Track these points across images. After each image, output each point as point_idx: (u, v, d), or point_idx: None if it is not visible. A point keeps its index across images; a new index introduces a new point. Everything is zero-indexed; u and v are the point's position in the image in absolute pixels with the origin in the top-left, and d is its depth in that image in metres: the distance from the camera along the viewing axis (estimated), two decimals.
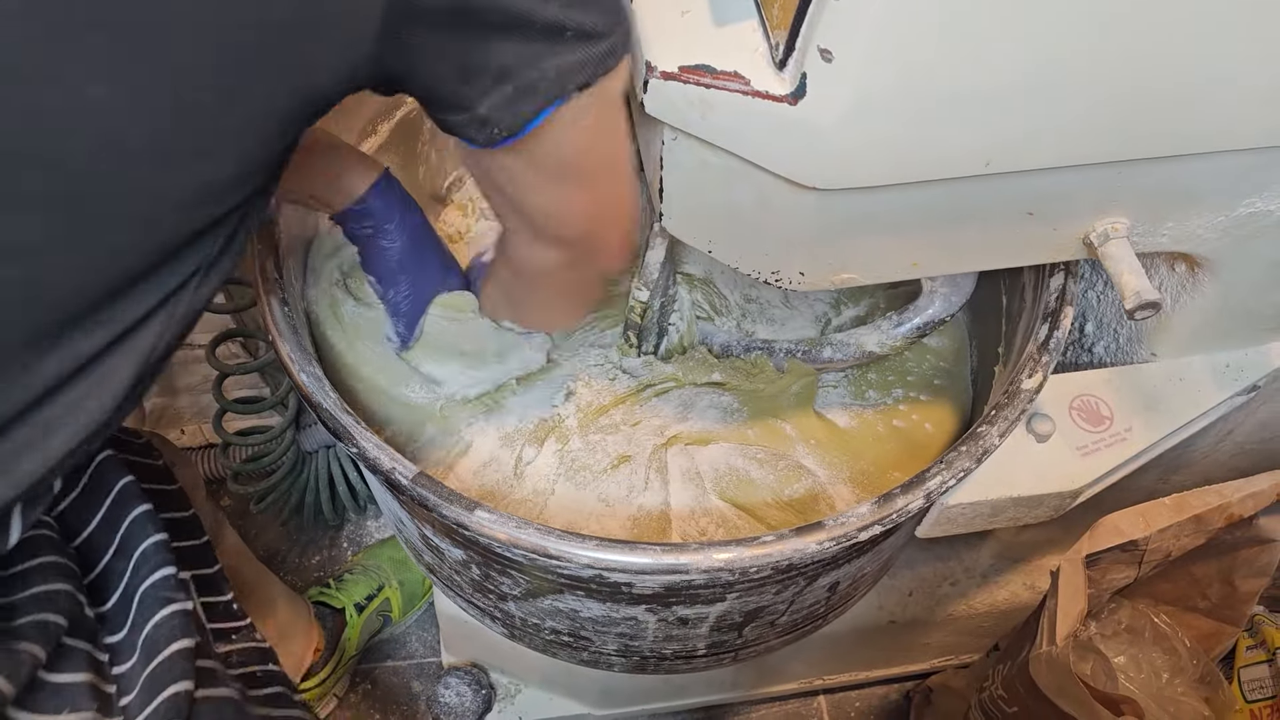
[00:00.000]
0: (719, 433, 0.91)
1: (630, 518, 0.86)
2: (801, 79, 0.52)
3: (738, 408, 0.93)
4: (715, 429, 0.92)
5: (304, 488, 1.39)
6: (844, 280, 0.68)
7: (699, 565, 0.66)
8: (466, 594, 0.88)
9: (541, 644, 0.90)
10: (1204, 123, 0.57)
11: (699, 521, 0.86)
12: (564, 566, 0.69)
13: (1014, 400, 0.72)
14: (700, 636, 0.84)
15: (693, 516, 0.86)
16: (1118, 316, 0.86)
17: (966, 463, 0.70)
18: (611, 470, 0.88)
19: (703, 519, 0.86)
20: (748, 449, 0.90)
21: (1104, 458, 0.77)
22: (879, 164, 0.56)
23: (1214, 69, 0.53)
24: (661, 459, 0.89)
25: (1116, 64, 0.52)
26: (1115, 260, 0.64)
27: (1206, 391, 0.81)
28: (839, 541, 0.67)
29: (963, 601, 1.14)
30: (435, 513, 0.68)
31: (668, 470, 0.89)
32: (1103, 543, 0.74)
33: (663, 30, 0.57)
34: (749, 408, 0.93)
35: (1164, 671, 0.93)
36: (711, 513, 0.86)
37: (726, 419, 0.92)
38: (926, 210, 0.61)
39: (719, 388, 0.94)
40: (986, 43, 0.49)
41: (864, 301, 1.00)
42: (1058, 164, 0.58)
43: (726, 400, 0.94)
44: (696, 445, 0.91)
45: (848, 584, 0.84)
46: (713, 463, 0.89)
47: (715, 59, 0.55)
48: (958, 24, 0.48)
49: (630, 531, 0.85)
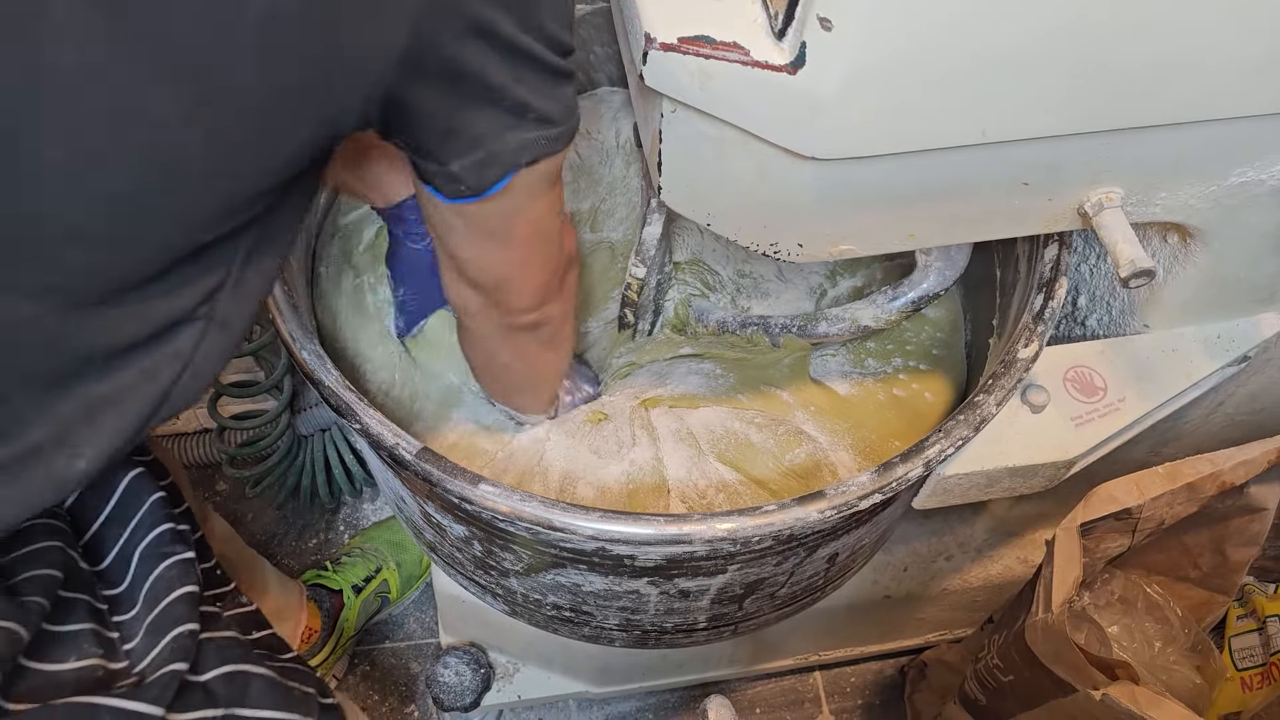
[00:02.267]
0: (706, 397, 0.92)
1: (625, 473, 0.87)
2: (801, 48, 0.53)
3: (721, 373, 0.93)
4: (700, 393, 0.92)
5: (300, 471, 1.39)
6: (842, 252, 0.68)
7: (702, 535, 0.67)
8: (468, 571, 0.88)
9: (543, 620, 0.91)
10: (1195, 91, 0.57)
11: (698, 485, 0.86)
12: (567, 539, 0.70)
13: (1010, 370, 0.73)
14: (701, 609, 0.84)
15: (690, 479, 0.86)
16: (1110, 289, 0.87)
17: (964, 431, 0.70)
18: (591, 427, 0.89)
19: (701, 482, 0.86)
20: (744, 413, 0.90)
21: (1098, 428, 0.78)
22: (877, 133, 0.57)
23: (1204, 38, 0.54)
24: (644, 417, 0.90)
25: (1110, 32, 0.53)
26: (1109, 229, 0.65)
27: (1198, 362, 0.82)
28: (840, 510, 0.68)
29: (957, 576, 1.15)
30: (440, 488, 0.69)
31: (654, 428, 0.89)
32: (1097, 511, 0.75)
33: (662, 3, 0.57)
34: (735, 374, 0.93)
35: (1156, 640, 0.94)
36: (710, 475, 0.87)
37: (711, 384, 0.93)
38: (924, 180, 0.62)
39: (696, 357, 0.95)
40: (983, 10, 0.50)
41: (860, 273, 1.00)
42: (1052, 133, 0.59)
43: (707, 367, 0.94)
44: (685, 408, 0.91)
45: (846, 555, 0.85)
46: (707, 425, 0.89)
47: (714, 30, 0.56)
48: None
49: (626, 487, 0.85)
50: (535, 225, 0.66)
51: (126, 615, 0.66)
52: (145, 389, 0.54)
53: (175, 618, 0.65)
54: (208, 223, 0.51)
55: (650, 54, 0.56)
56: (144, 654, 0.63)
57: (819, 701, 1.33)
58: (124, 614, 0.66)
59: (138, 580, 0.67)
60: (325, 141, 0.52)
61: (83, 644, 0.61)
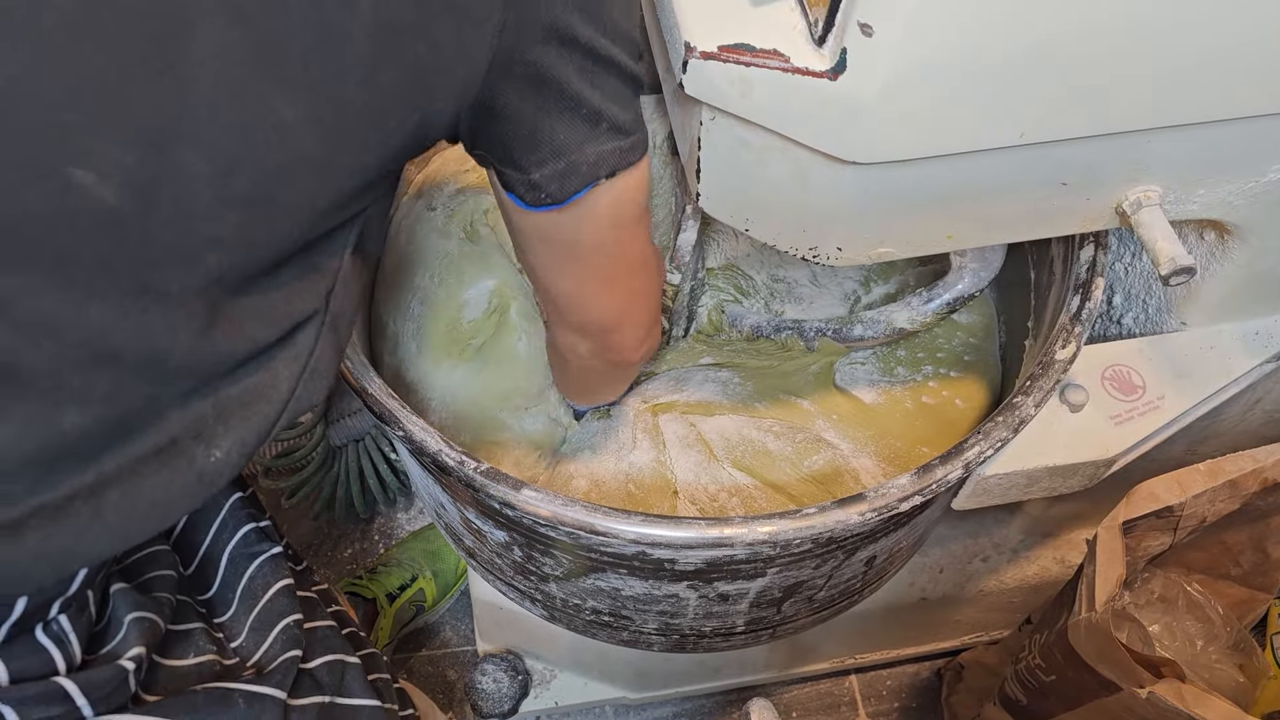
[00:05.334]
0: (721, 404, 0.92)
1: (624, 473, 0.88)
2: (841, 54, 0.53)
3: (739, 382, 0.94)
4: (717, 400, 0.93)
5: (334, 481, 1.40)
6: (880, 255, 0.69)
7: (743, 538, 0.67)
8: (507, 577, 0.89)
9: (582, 625, 0.92)
10: (1234, 88, 0.58)
11: (708, 489, 0.87)
12: (608, 544, 0.71)
13: (1048, 371, 0.73)
14: (740, 613, 0.85)
15: (700, 482, 0.87)
16: (1146, 287, 0.87)
17: (1003, 433, 0.71)
18: (591, 423, 0.92)
19: (712, 486, 0.87)
20: (761, 421, 0.91)
21: (1137, 426, 0.78)
22: (917, 137, 0.57)
23: (1244, 33, 0.54)
24: (648, 422, 0.91)
25: (1150, 30, 0.53)
26: (1149, 228, 0.65)
27: (1237, 359, 0.81)
28: (880, 513, 0.68)
29: (993, 577, 1.15)
30: (482, 493, 0.70)
31: (660, 433, 0.90)
32: (1139, 509, 0.75)
33: (701, 12, 0.58)
34: (754, 383, 0.94)
35: (1198, 639, 0.94)
36: (722, 480, 0.87)
37: (728, 392, 0.93)
38: (963, 182, 0.62)
39: (715, 366, 0.96)
40: (1022, 13, 0.50)
41: (893, 279, 1.00)
42: (1090, 132, 0.59)
43: (725, 375, 0.95)
44: (698, 415, 0.91)
45: (884, 558, 0.85)
46: (722, 432, 0.90)
47: (754, 37, 0.56)
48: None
49: (625, 488, 0.86)
50: (626, 249, 0.66)
51: (223, 618, 0.69)
52: (272, 392, 0.56)
53: (279, 611, 0.68)
54: (320, 221, 0.54)
55: (690, 63, 0.57)
56: (254, 649, 0.66)
57: (855, 705, 1.33)
58: (220, 616, 0.69)
59: (228, 582, 0.70)
60: (418, 143, 0.55)
61: (199, 641, 0.64)
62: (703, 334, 1.00)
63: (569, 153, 0.57)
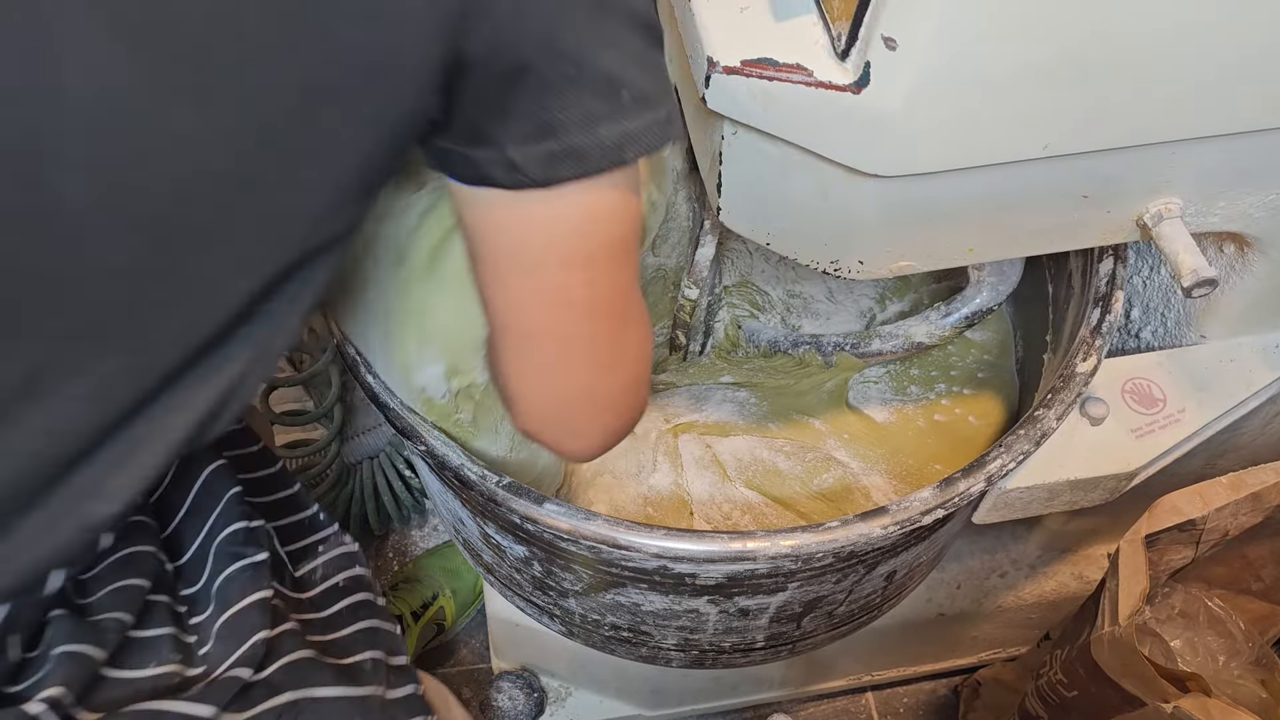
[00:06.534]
0: (737, 424, 0.93)
1: (642, 496, 0.88)
2: (865, 68, 0.54)
3: (755, 402, 0.94)
4: (733, 421, 0.93)
5: (349, 499, 1.41)
6: (902, 268, 0.69)
7: (766, 552, 0.67)
8: (525, 592, 0.89)
9: (600, 640, 0.91)
10: (1256, 100, 0.58)
11: (722, 507, 0.87)
12: (629, 558, 0.71)
13: (1069, 384, 0.73)
14: (759, 628, 0.85)
15: (714, 502, 0.87)
16: (1164, 300, 0.87)
17: (1025, 445, 0.71)
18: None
19: (725, 504, 0.87)
20: (773, 441, 0.91)
21: (1159, 439, 0.77)
22: (940, 150, 0.58)
23: (1267, 45, 0.54)
24: (669, 443, 0.91)
25: (1172, 43, 0.53)
26: (1170, 240, 0.65)
27: (1258, 371, 0.81)
28: (903, 526, 0.68)
29: (1011, 593, 1.15)
30: (504, 507, 0.70)
31: (679, 455, 0.90)
32: (1161, 522, 0.75)
33: (723, 27, 0.58)
34: (769, 403, 0.94)
35: (1220, 655, 0.93)
36: (735, 499, 0.87)
37: (744, 412, 0.94)
38: (985, 195, 0.62)
39: (734, 386, 0.96)
40: (1048, 24, 0.51)
41: (908, 296, 1.01)
42: (1114, 145, 0.60)
43: (743, 395, 0.95)
44: (714, 435, 0.92)
45: (904, 573, 0.85)
46: (735, 453, 0.91)
47: (776, 52, 0.57)
48: (1019, 6, 0.50)
49: (644, 510, 0.86)
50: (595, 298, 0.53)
51: (202, 616, 0.65)
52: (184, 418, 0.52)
53: (251, 624, 0.63)
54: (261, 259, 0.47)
55: (713, 77, 0.57)
56: (220, 660, 0.62)
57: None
58: (200, 614, 0.65)
59: (212, 578, 0.66)
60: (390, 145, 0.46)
61: (163, 650, 0.60)
62: (722, 350, 1.00)
63: (563, 134, 0.45)
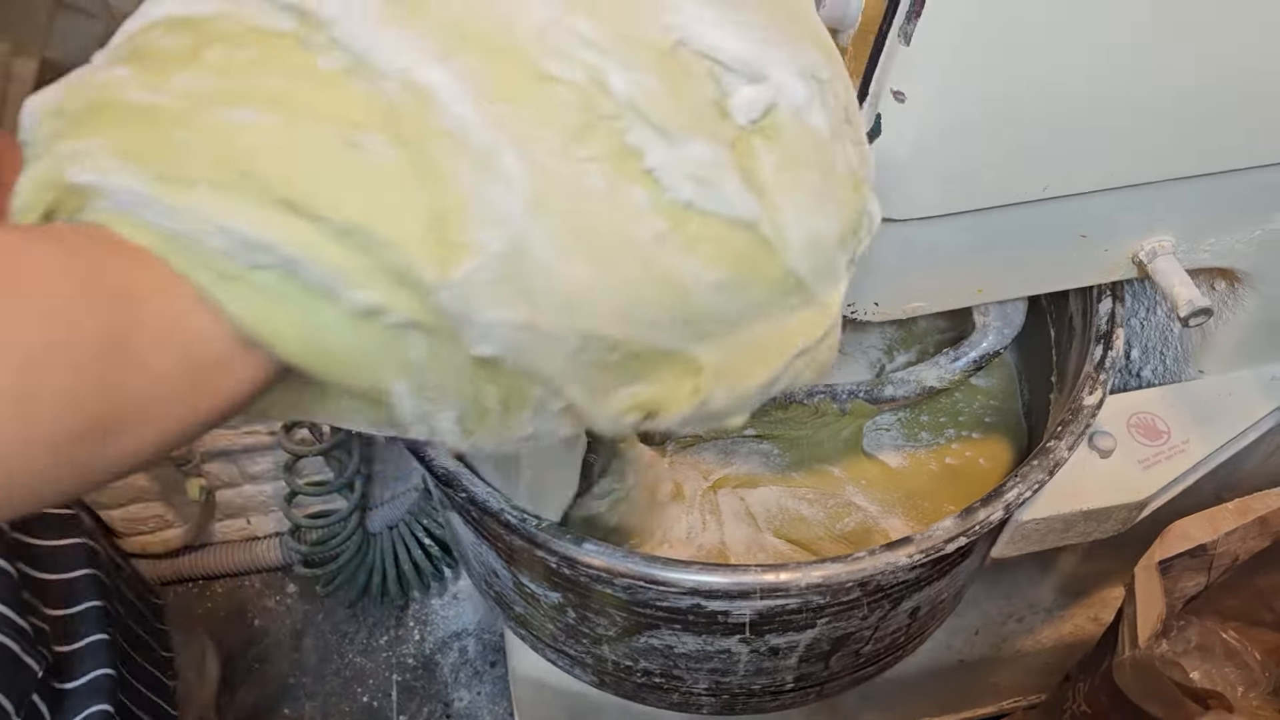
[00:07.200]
0: (765, 476, 0.96)
1: (692, 556, 0.90)
2: (876, 119, 0.59)
3: (778, 454, 0.98)
4: (760, 473, 0.97)
5: (370, 569, 1.43)
6: (914, 309, 0.73)
7: (798, 583, 0.70)
8: (558, 643, 0.91)
9: (631, 688, 0.93)
10: (1239, 140, 0.63)
11: (755, 557, 0.90)
12: (664, 597, 0.73)
13: (1077, 416, 0.77)
14: (789, 668, 0.87)
15: (749, 553, 0.90)
16: (1162, 339, 0.91)
17: (1040, 475, 0.74)
18: (670, 501, 0.93)
19: (759, 554, 0.90)
20: (797, 490, 0.95)
21: (1165, 469, 0.81)
22: (947, 194, 0.62)
23: (1246, 91, 0.59)
24: (712, 501, 0.94)
25: (1157, 93, 0.58)
26: (1165, 274, 0.69)
27: (1256, 403, 0.85)
28: (928, 554, 0.71)
29: (1029, 637, 1.16)
30: (544, 549, 0.72)
31: (720, 511, 0.93)
32: (1173, 548, 0.78)
33: None
34: (790, 454, 0.98)
35: (1239, 685, 0.95)
36: (767, 548, 0.91)
37: (769, 463, 0.97)
38: (989, 236, 0.67)
39: (757, 438, 0.99)
40: (1044, 77, 0.56)
41: (914, 348, 1.05)
42: (1105, 186, 0.64)
43: (765, 447, 0.99)
44: (745, 488, 0.95)
45: (927, 610, 0.87)
46: (764, 504, 0.94)
47: None
48: (1017, 62, 0.55)
49: None
50: None
51: None
52: None
53: None
54: None
55: None
56: None
57: None
58: None
59: None
60: None
61: None
62: None
63: None
